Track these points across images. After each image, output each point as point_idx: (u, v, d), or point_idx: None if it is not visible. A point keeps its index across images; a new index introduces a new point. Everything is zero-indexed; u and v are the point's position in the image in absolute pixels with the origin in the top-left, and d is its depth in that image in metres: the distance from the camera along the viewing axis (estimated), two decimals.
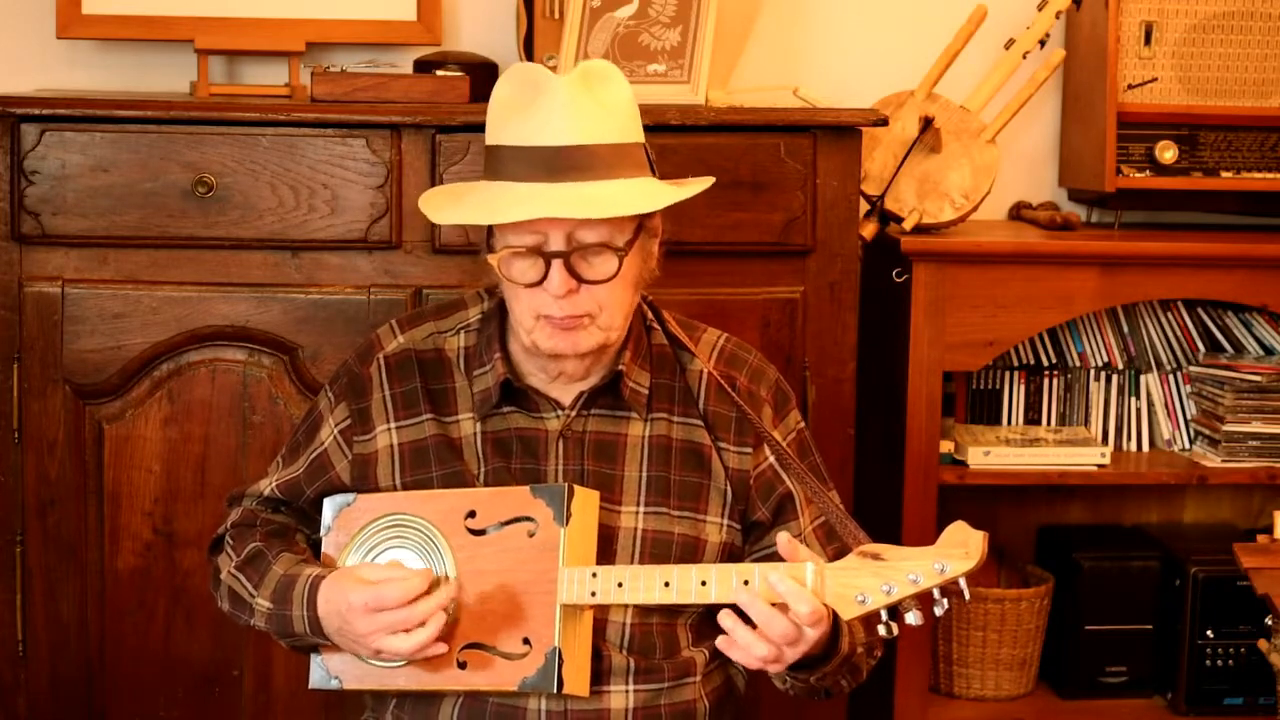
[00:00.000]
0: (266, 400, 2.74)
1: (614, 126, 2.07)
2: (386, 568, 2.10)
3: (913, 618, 1.92)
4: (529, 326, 2.11)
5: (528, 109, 2.06)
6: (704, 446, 2.19)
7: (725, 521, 2.18)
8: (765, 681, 2.16)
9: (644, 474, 2.16)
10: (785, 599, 1.94)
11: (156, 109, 2.70)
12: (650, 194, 2.08)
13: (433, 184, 2.71)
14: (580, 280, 2.07)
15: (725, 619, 1.97)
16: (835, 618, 2.01)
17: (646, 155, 2.13)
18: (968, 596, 1.92)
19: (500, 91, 2.11)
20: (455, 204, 2.16)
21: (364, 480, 2.21)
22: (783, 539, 1.99)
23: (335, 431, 2.25)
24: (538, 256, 2.06)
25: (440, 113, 2.73)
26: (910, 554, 1.92)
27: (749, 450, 2.20)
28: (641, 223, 2.11)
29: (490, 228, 2.12)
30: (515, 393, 2.18)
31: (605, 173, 2.05)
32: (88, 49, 3.17)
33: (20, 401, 2.70)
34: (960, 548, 1.90)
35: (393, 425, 2.21)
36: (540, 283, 2.07)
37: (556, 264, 2.05)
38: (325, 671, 2.20)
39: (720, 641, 1.99)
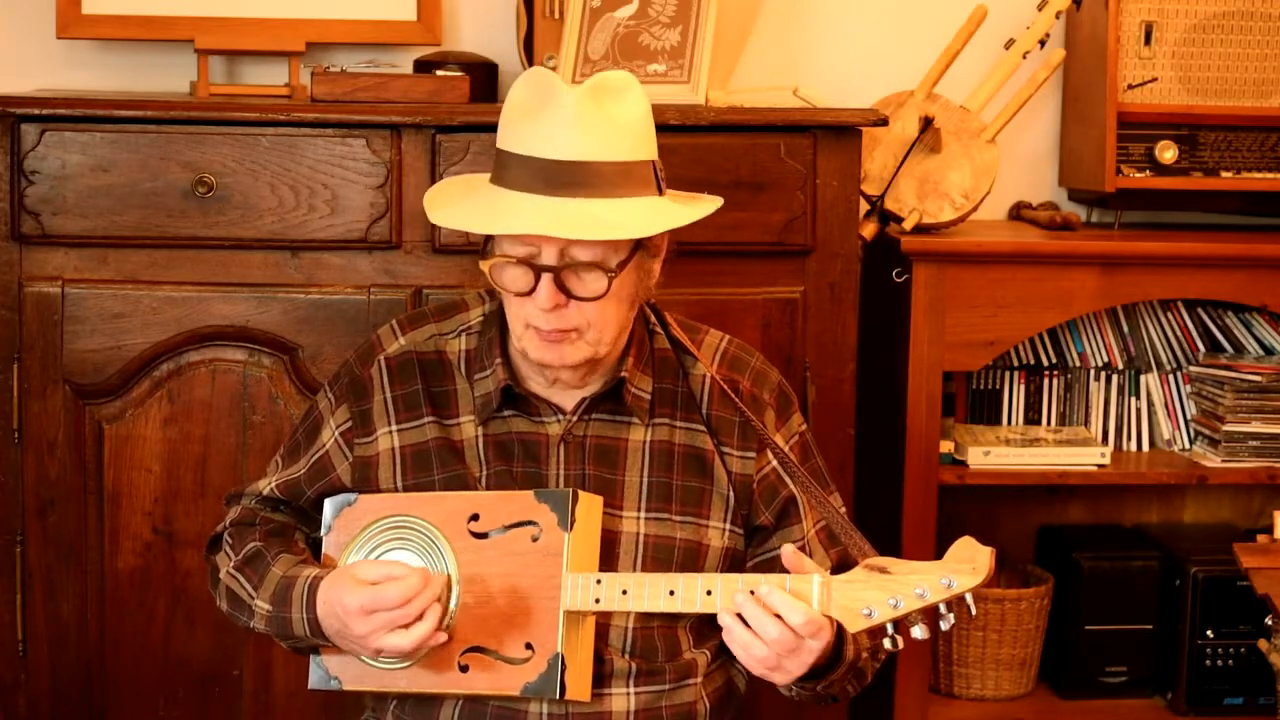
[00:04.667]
0: (266, 400, 2.74)
1: (621, 143, 2.04)
2: (384, 563, 2.09)
3: (918, 631, 1.92)
4: (519, 334, 2.10)
5: (536, 118, 2.04)
6: (706, 451, 2.18)
7: (728, 526, 2.18)
8: (766, 682, 2.16)
9: (645, 479, 2.16)
10: (777, 610, 1.93)
11: (156, 109, 2.70)
12: (648, 217, 2.06)
13: (433, 184, 2.70)
14: (569, 295, 2.05)
15: (724, 616, 1.97)
16: (840, 627, 2.00)
17: (655, 173, 2.10)
18: (974, 612, 1.91)
19: (515, 94, 2.09)
20: (455, 205, 2.14)
21: (365, 482, 2.21)
22: (787, 551, 1.99)
23: (336, 433, 2.24)
24: (528, 268, 2.05)
25: (440, 113, 2.72)
26: (917, 568, 1.91)
27: (752, 455, 2.19)
28: (640, 242, 2.09)
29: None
30: (516, 398, 2.18)
31: (606, 190, 2.03)
32: (88, 49, 3.17)
33: (20, 401, 2.69)
34: (968, 563, 1.89)
35: (394, 428, 2.20)
36: (529, 293, 2.06)
37: (546, 278, 2.04)
38: (325, 672, 2.19)
39: (724, 635, 1.98)
